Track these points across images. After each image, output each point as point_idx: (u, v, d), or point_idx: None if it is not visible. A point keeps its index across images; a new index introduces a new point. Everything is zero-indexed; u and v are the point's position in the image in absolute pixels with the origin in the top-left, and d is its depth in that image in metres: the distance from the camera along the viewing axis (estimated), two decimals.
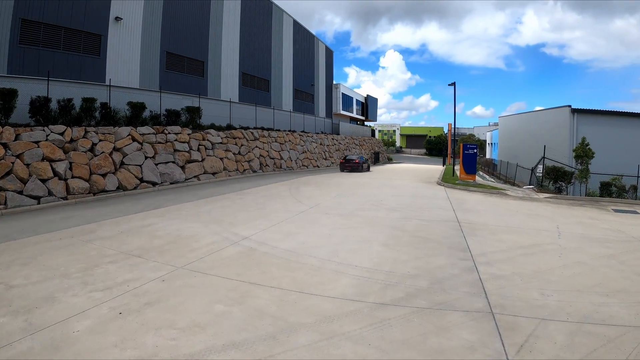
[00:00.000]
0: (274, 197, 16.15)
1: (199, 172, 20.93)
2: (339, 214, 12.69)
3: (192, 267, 7.03)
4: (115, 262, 7.23)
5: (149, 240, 8.89)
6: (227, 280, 6.42)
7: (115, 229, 9.90)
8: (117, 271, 6.75)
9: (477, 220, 12.15)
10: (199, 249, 8.19)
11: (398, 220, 11.83)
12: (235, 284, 6.28)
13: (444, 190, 20.41)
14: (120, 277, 6.45)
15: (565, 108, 27.26)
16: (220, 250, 8.18)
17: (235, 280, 6.42)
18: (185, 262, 7.30)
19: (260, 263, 7.38)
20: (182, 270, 6.88)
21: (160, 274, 6.62)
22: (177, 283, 6.26)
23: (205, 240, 8.92)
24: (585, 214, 14.59)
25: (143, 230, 9.82)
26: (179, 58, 25.82)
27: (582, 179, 20.56)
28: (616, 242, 10.00)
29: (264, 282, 6.36)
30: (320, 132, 42.92)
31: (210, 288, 6.09)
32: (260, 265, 7.23)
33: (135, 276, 6.52)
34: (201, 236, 9.31)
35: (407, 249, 8.57)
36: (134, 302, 5.50)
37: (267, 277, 6.62)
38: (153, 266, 7.05)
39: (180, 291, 5.94)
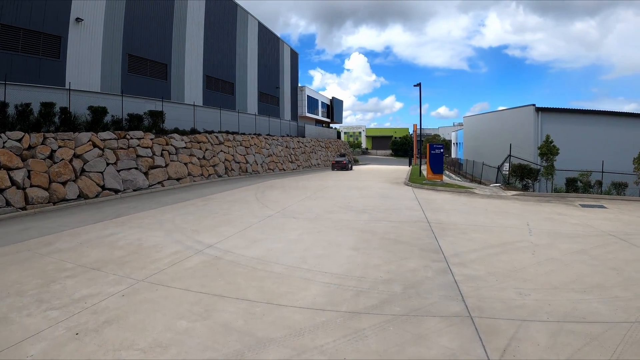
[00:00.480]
0: (240, 202, 15.73)
1: (162, 178, 20.37)
2: (307, 217, 12.39)
3: (153, 280, 6.61)
4: (73, 277, 6.76)
5: (109, 251, 8.41)
6: (191, 293, 6.04)
7: (74, 240, 9.34)
8: (74, 286, 6.30)
9: (447, 220, 12.10)
10: (161, 260, 7.76)
11: (367, 222, 11.64)
12: (199, 296, 5.91)
13: (411, 191, 20.44)
14: (77, 293, 6.01)
15: (529, 107, 27.91)
16: (183, 260, 7.77)
17: (199, 293, 6.05)
18: (147, 275, 6.87)
19: (226, 273, 7.01)
20: (143, 283, 6.47)
21: (120, 289, 6.21)
22: (137, 298, 5.87)
23: (168, 250, 8.47)
24: (553, 209, 14.82)
25: (103, 241, 9.28)
26: (142, 61, 25.20)
27: (548, 175, 21.01)
28: (587, 237, 10.12)
29: (229, 294, 6.02)
30: (286, 135, 42.65)
31: (173, 302, 5.72)
32: (225, 275, 6.87)
33: (94, 291, 6.09)
34: (163, 246, 8.87)
35: (378, 252, 8.35)
36: (92, 320, 5.11)
37: (232, 288, 6.28)
38: (112, 280, 6.62)
39: (141, 307, 5.55)
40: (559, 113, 27.72)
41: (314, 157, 46.71)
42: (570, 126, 26.97)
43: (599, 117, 27.97)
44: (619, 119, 28.27)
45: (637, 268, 7.55)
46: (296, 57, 54.37)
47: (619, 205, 16.66)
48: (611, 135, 27.20)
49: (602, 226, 11.74)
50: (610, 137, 27.13)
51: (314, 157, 46.71)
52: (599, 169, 21.42)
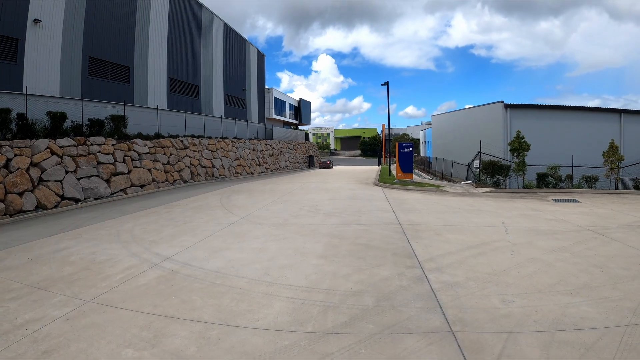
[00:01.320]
0: (204, 208, 14.98)
1: (125, 186, 19.55)
2: (272, 223, 11.74)
3: (102, 300, 5.92)
4: (18, 298, 6.04)
5: (60, 267, 7.63)
6: (141, 315, 5.36)
7: (25, 257, 8.50)
8: (17, 310, 5.62)
9: (419, 221, 11.65)
10: (113, 276, 7.03)
11: (336, 226, 11.06)
12: (150, 319, 5.23)
13: (381, 191, 20.01)
14: (20, 318, 5.33)
15: (498, 104, 28.01)
16: (137, 275, 7.05)
17: (150, 315, 5.37)
18: (96, 294, 6.16)
19: (181, 289, 6.33)
20: (91, 304, 5.77)
21: (65, 312, 5.51)
22: (82, 322, 5.17)
23: (122, 265, 7.74)
24: (527, 205, 14.62)
25: (55, 256, 8.46)
26: (103, 63, 24.21)
27: (519, 171, 20.99)
28: (565, 233, 9.84)
29: (183, 315, 5.35)
30: (253, 138, 41.94)
31: (120, 327, 5.03)
32: (180, 293, 6.18)
33: (37, 315, 5.41)
34: (118, 259, 8.12)
35: (347, 259, 7.77)
36: (32, 350, 4.48)
37: (187, 307, 5.60)
38: (59, 301, 5.91)
39: (85, 333, 4.87)
40: (527, 109, 27.92)
41: (282, 159, 46.08)
42: (539, 122, 27.21)
43: (567, 112, 28.32)
44: (587, 114, 28.74)
45: (620, 264, 7.27)
46: (263, 58, 53.70)
47: (592, 198, 16.66)
48: (580, 130, 27.59)
49: (579, 221, 11.53)
50: (579, 131, 27.51)
51: (282, 159, 46.08)
52: (569, 163, 21.56)
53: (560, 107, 28.76)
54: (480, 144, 23.42)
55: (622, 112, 29.12)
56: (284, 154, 47.32)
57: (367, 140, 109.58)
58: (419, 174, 40.95)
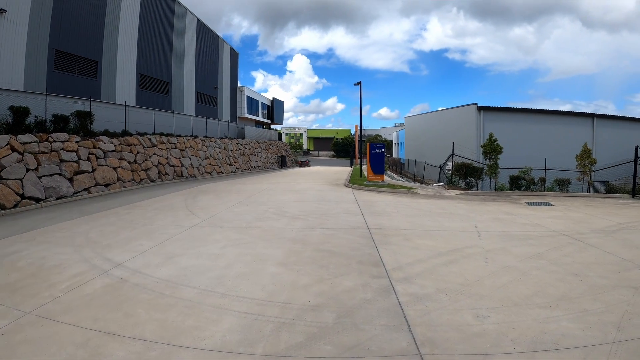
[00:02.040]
0: (166, 209, 14.17)
1: (89, 185, 18.56)
2: (235, 226, 11.05)
3: (42, 312, 5.27)
4: None
5: (6, 274, 6.91)
6: (79, 331, 4.73)
7: None
8: None
9: (388, 225, 11.13)
10: (59, 284, 6.34)
11: (300, 230, 10.44)
12: (89, 335, 4.61)
13: (351, 193, 19.48)
14: None
15: (471, 106, 27.95)
16: (84, 284, 6.36)
17: (89, 330, 4.74)
18: (37, 305, 5.51)
19: (127, 300, 5.68)
20: (30, 316, 5.14)
21: (2, 325, 4.93)
22: (17, 337, 4.59)
23: (70, 271, 7.01)
24: (499, 209, 14.32)
25: (3, 261, 7.68)
26: (70, 57, 23.19)
27: (492, 174, 20.80)
28: (539, 238, 9.49)
29: (124, 331, 4.72)
30: (225, 137, 40.88)
31: (56, 344, 4.41)
32: (125, 305, 5.53)
33: None
34: (67, 265, 7.39)
35: (309, 267, 7.16)
36: None
37: (130, 322, 4.97)
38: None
39: (18, 350, 4.29)
40: (500, 112, 27.96)
41: (253, 159, 45.22)
42: (513, 124, 27.26)
43: (540, 116, 28.51)
44: (560, 118, 29.02)
45: (599, 272, 6.91)
46: (236, 56, 52.85)
47: (565, 202, 16.53)
48: (553, 133, 27.80)
49: (553, 225, 11.24)
50: (552, 135, 27.71)
51: (253, 159, 45.22)
52: (542, 166, 21.51)
53: (534, 111, 28.94)
54: (452, 145, 23.19)
55: (595, 117, 29.53)
56: (255, 154, 46.47)
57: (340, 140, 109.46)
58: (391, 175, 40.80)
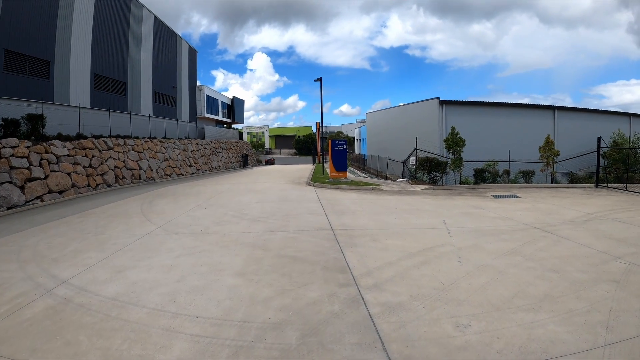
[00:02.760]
0: (121, 216, 13.24)
1: (42, 192, 17.35)
2: (191, 232, 10.29)
3: None
4: None
5: None
6: None
7: None
8: None
9: (354, 225, 10.60)
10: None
11: (261, 234, 9.78)
12: None
13: (314, 191, 18.93)
14: None
15: (433, 100, 27.84)
16: (24, 307, 5.62)
17: None
18: None
19: (69, 325, 4.98)
20: None
21: None
22: None
23: (12, 292, 6.24)
24: (467, 203, 14.07)
25: None
26: (21, 57, 21.99)
27: (456, 168, 20.66)
28: (511, 233, 9.19)
29: None
30: (184, 138, 39.64)
31: None
32: (66, 330, 4.85)
33: None
34: (9, 285, 6.59)
35: (270, 277, 6.52)
36: None
37: (70, 352, 4.32)
38: None
39: None
40: (462, 106, 27.95)
41: (214, 159, 44.06)
42: (475, 118, 27.29)
43: (502, 109, 28.72)
44: (522, 110, 29.34)
45: (577, 267, 6.64)
46: (195, 54, 51.44)
47: (531, 193, 16.50)
48: (516, 126, 28.07)
49: (523, 218, 11.02)
50: (514, 127, 27.98)
51: (214, 159, 44.06)
52: (505, 158, 21.53)
53: (496, 104, 29.11)
54: (416, 140, 22.96)
55: (556, 109, 29.99)
56: (216, 154, 45.30)
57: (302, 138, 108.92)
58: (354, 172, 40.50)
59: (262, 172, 38.57)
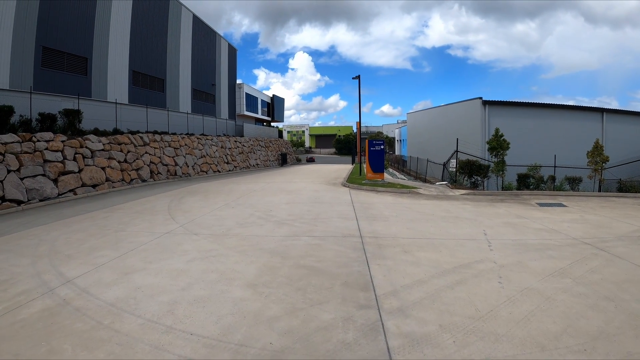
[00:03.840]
0: (147, 213, 13.04)
1: (75, 185, 17.65)
2: (212, 233, 9.80)
3: None
4: None
5: None
6: None
7: None
8: None
9: (385, 232, 9.78)
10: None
11: (284, 239, 9.14)
12: None
13: (348, 193, 18.15)
14: None
15: (476, 100, 26.53)
16: (22, 306, 5.40)
17: None
18: None
19: (59, 331, 4.66)
20: None
21: None
22: None
23: (17, 288, 6.06)
24: (509, 211, 12.97)
25: None
26: (59, 54, 22.32)
27: (498, 171, 19.43)
28: (559, 249, 8.16)
29: None
30: (222, 135, 39.87)
31: None
32: (54, 336, 4.51)
33: None
34: (17, 280, 6.44)
35: (282, 291, 5.85)
36: None
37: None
38: None
39: None
40: (506, 106, 26.50)
41: (252, 157, 44.02)
42: (519, 119, 25.81)
43: (547, 110, 27.04)
44: (569, 112, 27.52)
45: (635, 294, 5.66)
46: (234, 53, 51.59)
47: (578, 202, 15.19)
48: (561, 129, 26.36)
49: (571, 231, 9.89)
50: (560, 130, 26.28)
51: (252, 157, 44.02)
52: (550, 163, 20.14)
53: (541, 105, 27.46)
54: (457, 141, 21.80)
55: (605, 112, 28.02)
56: (254, 152, 45.22)
57: (342, 138, 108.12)
58: (393, 173, 39.44)
59: (298, 171, 38.11)
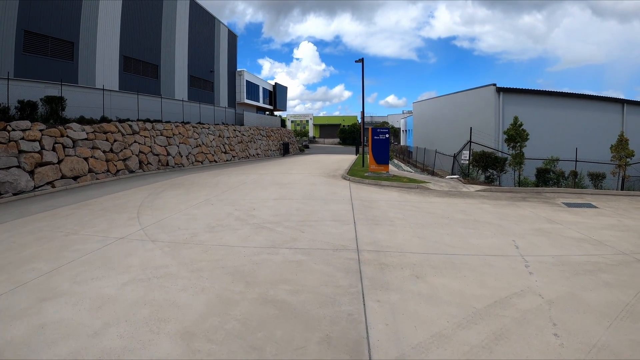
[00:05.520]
0: (114, 210, 11.09)
1: (54, 178, 16.05)
2: (172, 240, 7.79)
3: None
4: None
5: None
6: None
7: None
8: None
9: (389, 244, 7.62)
10: None
11: (256, 252, 7.04)
12: None
13: (348, 187, 15.96)
14: None
15: (489, 87, 24.31)
16: None
17: None
18: None
19: None
20: None
21: None
22: None
23: None
24: (536, 213, 10.84)
25: None
26: (42, 38, 20.97)
27: (516, 165, 17.24)
28: (613, 270, 6.08)
29: None
30: (221, 124, 37.80)
31: None
32: None
33: None
34: None
35: (228, 349, 3.77)
36: None
37: None
38: None
39: None
40: (522, 94, 24.25)
41: (252, 146, 41.94)
42: (536, 109, 23.55)
43: (566, 100, 24.81)
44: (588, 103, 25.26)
45: None
46: (235, 39, 49.42)
47: (608, 202, 13.08)
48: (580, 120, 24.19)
49: (616, 242, 7.75)
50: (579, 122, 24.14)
51: (252, 146, 41.94)
52: (567, 156, 17.96)
53: (558, 94, 25.18)
54: (470, 131, 19.56)
55: (625, 103, 25.68)
56: (255, 141, 43.08)
57: (346, 128, 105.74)
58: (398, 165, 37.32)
59: (299, 161, 35.86)
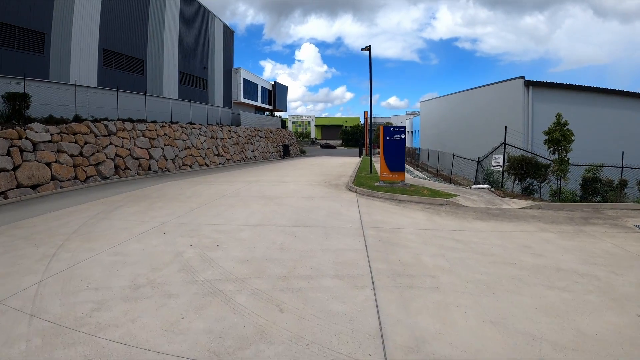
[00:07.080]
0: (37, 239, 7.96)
1: (7, 187, 13.76)
2: (54, 322, 4.41)
3: None
4: None
5: None
6: None
7: None
8: None
9: (446, 347, 4.04)
10: None
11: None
12: None
13: (355, 204, 12.25)
14: None
15: (517, 80, 20.76)
16: None
17: None
18: None
19: None
20: None
21: None
22: None
23: None
24: (624, 248, 7.22)
25: None
26: (8, 28, 18.85)
27: (560, 173, 13.66)
28: None
29: None
30: (215, 124, 34.52)
31: None
32: None
33: None
34: None
35: None
36: None
37: None
38: None
39: None
40: (556, 89, 20.68)
41: (249, 148, 38.56)
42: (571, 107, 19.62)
43: (609, 97, 21.26)
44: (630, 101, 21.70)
45: None
46: (231, 35, 46.10)
47: None
48: (623, 120, 20.62)
49: None
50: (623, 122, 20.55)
51: (249, 148, 38.56)
52: (610, 161, 14.44)
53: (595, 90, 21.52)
54: (505, 130, 15.77)
55: None
56: (252, 143, 39.60)
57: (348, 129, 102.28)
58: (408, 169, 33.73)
59: (297, 165, 32.17)
